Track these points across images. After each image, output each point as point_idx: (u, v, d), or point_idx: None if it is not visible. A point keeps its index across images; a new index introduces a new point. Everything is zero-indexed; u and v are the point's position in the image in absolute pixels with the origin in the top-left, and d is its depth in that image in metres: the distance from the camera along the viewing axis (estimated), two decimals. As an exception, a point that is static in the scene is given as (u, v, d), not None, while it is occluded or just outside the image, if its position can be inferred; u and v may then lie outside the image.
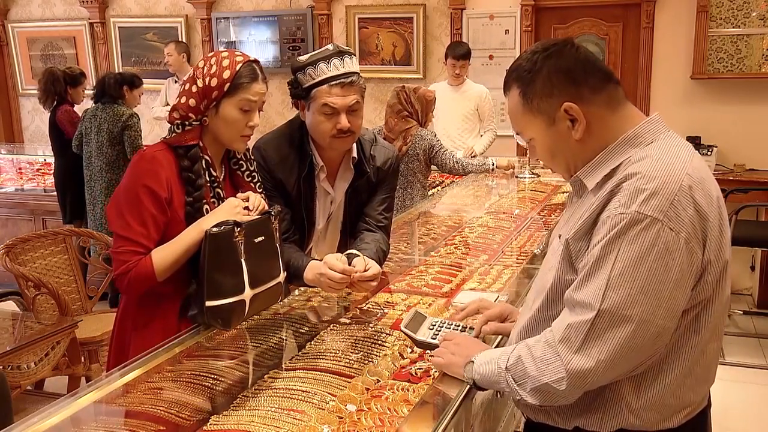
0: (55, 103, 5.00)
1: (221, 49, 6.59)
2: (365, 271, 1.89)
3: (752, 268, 5.18)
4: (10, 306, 3.49)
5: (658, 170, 1.23)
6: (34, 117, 7.64)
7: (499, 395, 1.96)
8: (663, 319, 1.22)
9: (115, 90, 4.63)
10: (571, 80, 1.32)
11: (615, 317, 1.21)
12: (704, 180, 1.25)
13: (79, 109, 5.15)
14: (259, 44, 6.65)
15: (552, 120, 1.34)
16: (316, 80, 2.00)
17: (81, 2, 7.15)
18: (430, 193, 4.11)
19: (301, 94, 2.04)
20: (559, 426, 1.38)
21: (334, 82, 1.98)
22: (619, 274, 1.20)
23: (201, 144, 1.86)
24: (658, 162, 1.24)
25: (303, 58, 2.04)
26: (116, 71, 4.93)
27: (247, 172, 1.99)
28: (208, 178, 1.88)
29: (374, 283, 1.94)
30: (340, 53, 2.01)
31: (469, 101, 5.01)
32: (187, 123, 1.85)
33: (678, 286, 1.22)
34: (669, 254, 1.19)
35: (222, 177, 1.94)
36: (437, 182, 4.60)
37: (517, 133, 1.44)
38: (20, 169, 6.31)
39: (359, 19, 6.38)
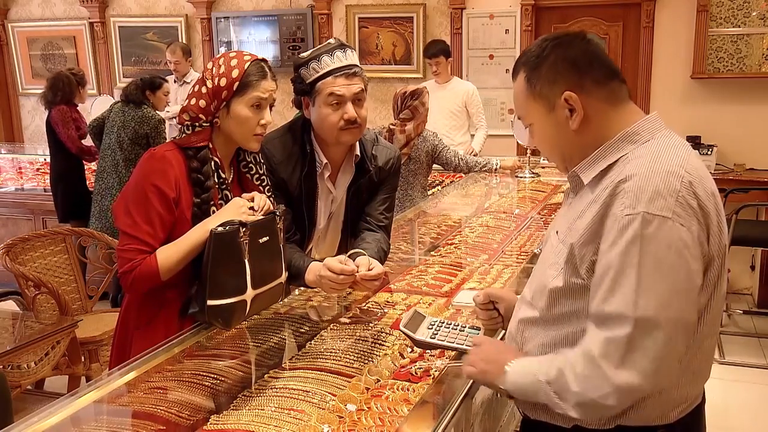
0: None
1: (224, 50, 6.64)
2: (369, 270, 1.89)
3: (752, 267, 5.18)
4: (10, 306, 3.49)
5: (659, 169, 1.23)
6: (34, 117, 7.64)
7: (499, 395, 1.96)
8: (690, 314, 1.23)
9: (137, 96, 4.64)
10: (575, 70, 1.33)
11: (650, 323, 1.20)
12: (702, 177, 1.26)
13: (82, 108, 5.17)
14: (259, 44, 6.65)
15: (552, 107, 1.35)
16: (321, 73, 2.00)
17: (81, 2, 7.15)
18: (430, 192, 4.11)
19: (305, 89, 2.05)
20: (558, 424, 1.37)
21: (338, 73, 1.99)
22: (644, 278, 1.19)
23: (211, 146, 1.87)
24: (658, 161, 1.25)
25: (305, 54, 2.05)
26: (139, 78, 4.91)
27: (257, 176, 1.99)
28: (216, 180, 1.88)
29: (377, 283, 1.94)
30: (342, 46, 2.03)
31: (456, 98, 5.05)
32: (197, 124, 1.85)
33: (697, 277, 1.23)
34: (686, 249, 1.20)
35: (231, 179, 1.95)
36: (437, 182, 4.60)
37: (519, 118, 1.45)
38: (20, 168, 6.31)
39: (359, 18, 6.38)
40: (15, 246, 3.31)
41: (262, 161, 2.02)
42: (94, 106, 5.99)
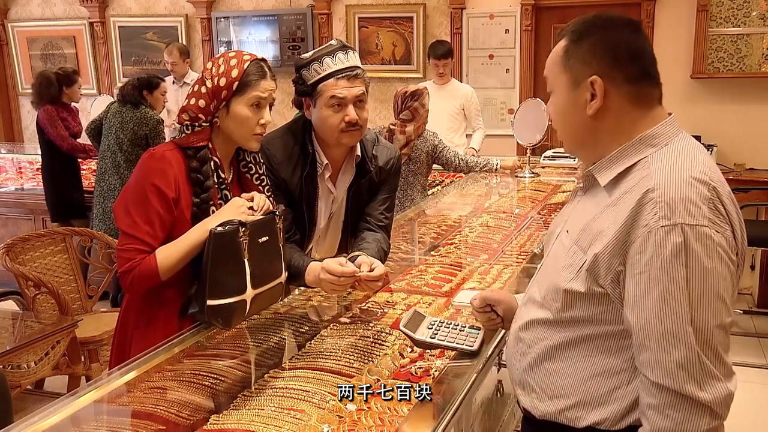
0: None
1: (224, 50, 6.63)
2: (371, 270, 1.89)
3: (752, 267, 5.18)
4: (10, 305, 3.49)
5: (685, 176, 1.21)
6: (34, 117, 7.60)
7: (499, 394, 1.96)
8: (733, 316, 1.22)
9: (134, 96, 4.59)
10: (611, 59, 1.30)
11: (708, 332, 1.19)
12: (723, 182, 1.25)
13: (81, 108, 5.14)
14: (259, 44, 6.65)
15: (576, 84, 1.33)
16: (322, 75, 2.00)
17: (81, 2, 7.16)
18: (429, 192, 4.10)
19: (307, 90, 2.04)
20: (566, 423, 1.35)
21: (340, 75, 1.99)
22: (693, 290, 1.18)
23: (210, 145, 1.87)
24: (682, 168, 1.23)
25: (306, 55, 2.05)
26: (135, 78, 4.83)
27: (256, 175, 1.99)
28: (216, 180, 1.88)
29: (380, 284, 1.94)
30: (344, 48, 2.02)
31: (455, 100, 5.05)
32: (196, 124, 1.85)
33: (734, 278, 1.23)
34: (726, 254, 1.20)
35: (230, 179, 1.95)
36: (437, 182, 4.60)
37: (545, 76, 1.43)
38: (20, 168, 6.32)
39: (359, 18, 6.38)
40: (15, 246, 3.31)
41: (262, 161, 2.02)
42: (93, 106, 5.99)
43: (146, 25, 7.08)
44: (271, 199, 1.97)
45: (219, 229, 1.71)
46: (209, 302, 1.72)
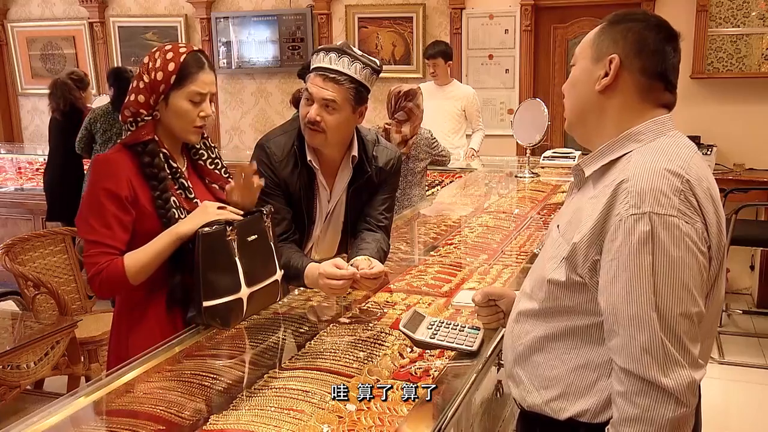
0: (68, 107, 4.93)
1: (224, 50, 6.58)
2: (370, 269, 1.89)
3: (752, 267, 5.18)
4: (10, 306, 3.50)
5: (658, 168, 1.23)
6: (34, 117, 7.63)
7: (498, 395, 1.96)
8: (702, 307, 1.23)
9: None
10: (637, 47, 1.34)
11: (672, 319, 1.20)
12: (701, 179, 1.26)
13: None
14: (258, 44, 6.65)
15: (597, 60, 1.37)
16: (312, 66, 2.07)
17: (80, 2, 7.15)
18: (429, 192, 4.10)
19: (303, 75, 2.11)
20: (550, 415, 1.37)
21: (319, 72, 2.02)
22: (659, 277, 1.20)
23: (157, 138, 1.86)
24: (658, 161, 1.25)
25: (322, 46, 2.11)
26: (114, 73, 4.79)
27: (209, 160, 1.99)
28: (168, 171, 1.87)
29: (378, 282, 1.94)
30: (341, 51, 2.02)
31: (456, 101, 5.04)
32: (139, 119, 1.85)
33: (705, 271, 1.24)
34: (694, 245, 1.21)
35: (185, 167, 1.94)
36: (437, 182, 4.60)
37: (575, 53, 1.47)
38: (20, 168, 6.31)
39: (359, 18, 6.38)
40: (15, 246, 3.31)
41: (213, 145, 2.03)
42: (93, 106, 5.97)
43: (146, 26, 7.08)
44: (228, 174, 1.97)
45: (206, 230, 1.71)
46: (205, 303, 1.72)
